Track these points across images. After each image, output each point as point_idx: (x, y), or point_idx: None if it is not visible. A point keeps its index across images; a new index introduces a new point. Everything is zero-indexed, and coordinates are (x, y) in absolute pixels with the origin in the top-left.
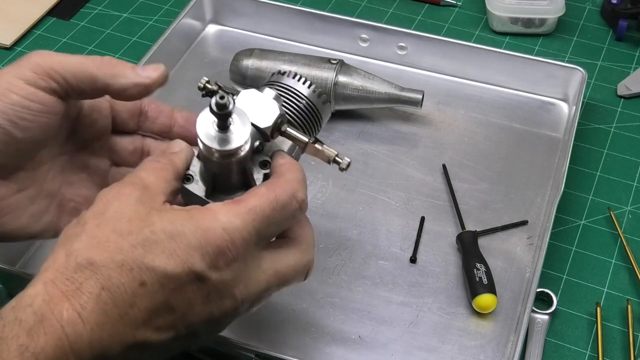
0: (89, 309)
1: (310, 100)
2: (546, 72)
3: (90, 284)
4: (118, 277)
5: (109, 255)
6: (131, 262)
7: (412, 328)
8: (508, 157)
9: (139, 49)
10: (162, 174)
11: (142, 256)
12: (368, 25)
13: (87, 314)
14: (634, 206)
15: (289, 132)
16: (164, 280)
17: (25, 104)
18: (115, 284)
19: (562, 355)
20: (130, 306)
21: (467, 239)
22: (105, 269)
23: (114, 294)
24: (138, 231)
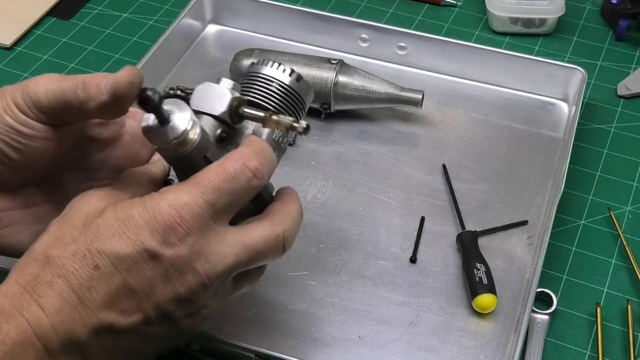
0: (47, 296)
1: (281, 81)
2: (546, 72)
3: (45, 274)
4: (71, 264)
5: (63, 247)
6: (83, 248)
7: (412, 328)
8: (508, 157)
9: (139, 49)
10: (134, 180)
11: (93, 241)
12: (368, 25)
13: (45, 301)
14: (634, 206)
15: (246, 113)
16: (116, 261)
17: (17, 128)
18: (70, 270)
19: (562, 355)
20: (88, 290)
21: (467, 239)
22: (59, 259)
23: (69, 279)
24: (91, 222)
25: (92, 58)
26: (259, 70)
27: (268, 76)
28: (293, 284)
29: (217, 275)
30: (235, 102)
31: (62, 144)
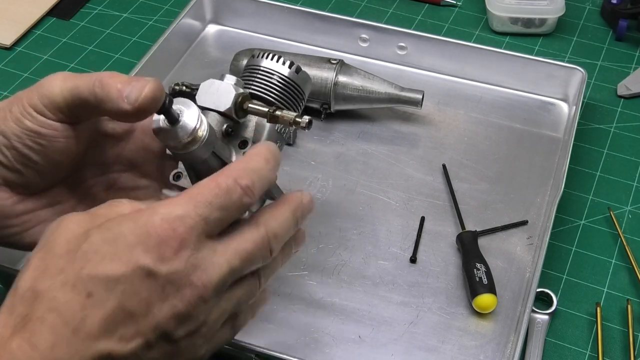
0: (38, 333)
1: (281, 73)
2: (546, 72)
3: (35, 310)
4: (62, 296)
5: (50, 278)
6: (72, 277)
7: (412, 328)
8: (508, 157)
9: (139, 49)
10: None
11: (82, 268)
12: (368, 25)
13: (37, 339)
14: (634, 206)
15: (251, 108)
16: (110, 284)
17: (37, 130)
18: (61, 303)
19: (562, 355)
20: (82, 320)
21: (467, 239)
22: (49, 292)
23: (61, 312)
24: (76, 248)
25: (92, 58)
26: (259, 63)
27: (268, 69)
28: (293, 284)
29: (214, 286)
30: (239, 98)
31: (80, 142)
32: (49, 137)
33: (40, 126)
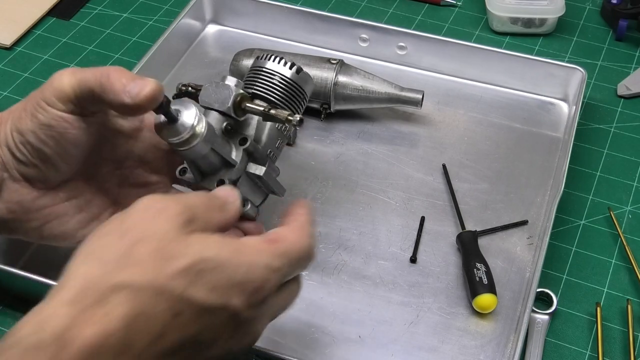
0: (117, 336)
1: (282, 74)
2: (546, 72)
3: (123, 308)
4: (155, 304)
5: (147, 279)
6: (171, 290)
7: (412, 328)
8: (508, 157)
9: (139, 49)
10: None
11: (183, 286)
12: (368, 25)
13: (114, 341)
14: (634, 206)
15: (248, 107)
16: (201, 312)
17: (50, 124)
18: (151, 311)
19: (562, 355)
20: (160, 336)
21: (467, 239)
22: (142, 294)
23: (147, 321)
24: (180, 256)
25: (92, 58)
26: (261, 64)
27: (270, 70)
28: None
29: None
30: (238, 98)
31: (91, 135)
32: (60, 129)
33: (52, 119)
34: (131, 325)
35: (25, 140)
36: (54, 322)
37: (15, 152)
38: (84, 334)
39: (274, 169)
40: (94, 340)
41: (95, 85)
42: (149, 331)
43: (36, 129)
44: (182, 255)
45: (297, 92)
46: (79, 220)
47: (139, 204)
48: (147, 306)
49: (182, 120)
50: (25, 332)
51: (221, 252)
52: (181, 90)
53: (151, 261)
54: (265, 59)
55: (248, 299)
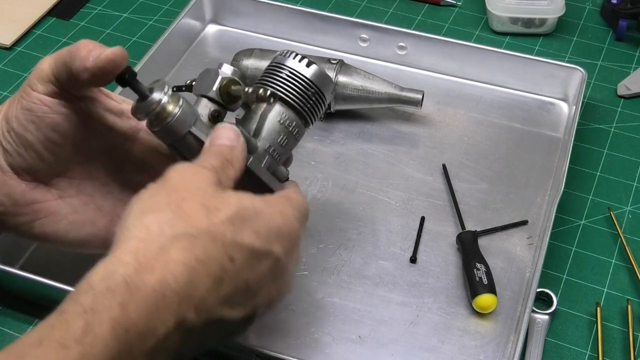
0: (181, 281)
1: (293, 68)
2: (546, 72)
3: (184, 254)
4: (212, 250)
5: (203, 227)
6: (223, 236)
7: (412, 328)
8: (508, 157)
9: (139, 49)
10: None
11: (233, 232)
12: (368, 25)
13: (178, 286)
14: (634, 206)
15: (233, 91)
16: (249, 256)
17: (30, 107)
18: (209, 257)
19: (562, 355)
20: (220, 281)
21: (467, 239)
22: (201, 241)
23: (207, 266)
24: (225, 208)
25: None
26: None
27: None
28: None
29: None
30: (224, 82)
31: (73, 123)
32: (39, 112)
33: (32, 102)
34: (192, 270)
35: (10, 127)
36: (121, 269)
37: (2, 141)
38: (150, 280)
39: (274, 166)
40: (159, 285)
41: (66, 56)
42: (210, 275)
43: (19, 114)
44: (224, 206)
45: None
46: (72, 221)
47: (172, 172)
48: (205, 252)
49: (151, 97)
50: (96, 278)
51: (255, 202)
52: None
53: (201, 213)
54: (285, 56)
55: (285, 244)
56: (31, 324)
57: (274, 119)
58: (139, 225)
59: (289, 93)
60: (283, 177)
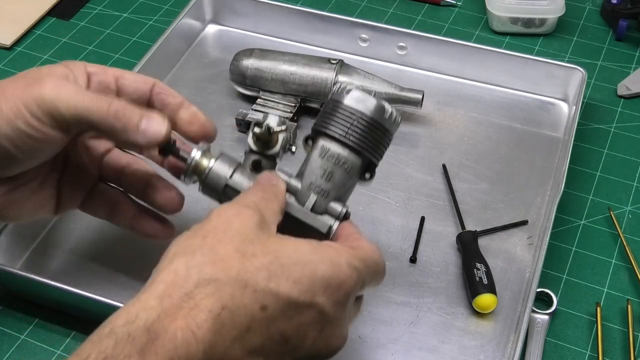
0: (205, 329)
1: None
2: (546, 72)
3: (210, 301)
4: (240, 298)
5: (233, 274)
6: (255, 284)
7: (412, 328)
8: (508, 157)
9: (139, 49)
10: (271, 205)
11: (267, 279)
12: (368, 25)
13: (202, 334)
14: (634, 206)
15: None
16: (286, 307)
17: (29, 133)
18: (237, 304)
19: (562, 355)
20: (247, 330)
21: (467, 239)
22: (229, 287)
23: (233, 314)
24: (262, 255)
25: (92, 58)
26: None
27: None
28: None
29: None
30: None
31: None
32: (39, 140)
33: (34, 129)
34: (218, 318)
35: None
36: (144, 314)
37: None
38: (173, 326)
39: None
40: (181, 332)
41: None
42: (236, 323)
43: (13, 135)
44: (263, 251)
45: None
46: (34, 201)
47: (213, 213)
48: (233, 299)
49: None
50: (119, 322)
51: (301, 248)
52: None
53: (234, 258)
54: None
55: (332, 296)
56: (31, 324)
57: (315, 155)
58: (168, 269)
59: (325, 124)
60: (337, 214)
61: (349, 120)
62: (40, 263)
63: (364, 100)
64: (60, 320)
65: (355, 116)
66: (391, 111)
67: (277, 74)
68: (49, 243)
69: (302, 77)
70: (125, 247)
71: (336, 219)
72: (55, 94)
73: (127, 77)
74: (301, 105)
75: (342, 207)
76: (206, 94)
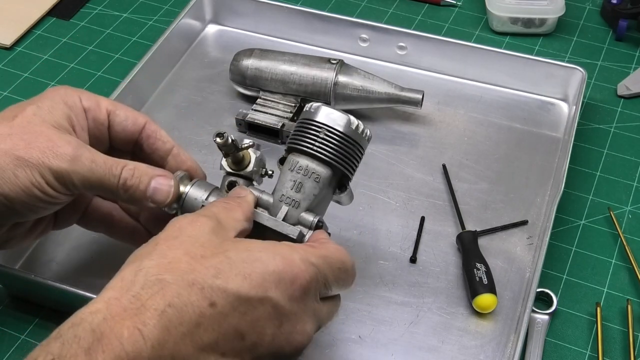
0: (152, 325)
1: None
2: (546, 72)
3: (156, 299)
4: (187, 295)
5: (180, 273)
6: (202, 281)
7: (412, 328)
8: (508, 157)
9: (139, 49)
10: (232, 214)
11: (215, 276)
12: (368, 25)
13: (149, 331)
14: (634, 206)
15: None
16: (236, 302)
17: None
18: (183, 302)
19: (562, 355)
20: (197, 326)
21: (467, 239)
22: (175, 286)
23: (180, 311)
24: (212, 256)
25: (92, 58)
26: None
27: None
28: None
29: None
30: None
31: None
32: (50, 203)
33: (49, 197)
34: (165, 316)
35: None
36: (90, 317)
37: None
38: (118, 327)
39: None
40: (128, 332)
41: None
42: (184, 320)
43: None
44: (212, 253)
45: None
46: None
47: (169, 223)
48: (179, 296)
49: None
50: (65, 326)
51: (252, 246)
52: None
53: (182, 260)
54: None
55: (287, 290)
56: (31, 324)
57: (285, 168)
58: (117, 276)
59: (294, 140)
60: (309, 224)
61: (315, 133)
62: (40, 263)
63: (330, 114)
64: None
65: (321, 129)
66: (357, 123)
67: (277, 74)
68: (49, 243)
69: (302, 77)
70: (125, 247)
71: (309, 228)
72: (72, 168)
73: (119, 114)
74: (301, 105)
75: (314, 217)
76: (206, 94)
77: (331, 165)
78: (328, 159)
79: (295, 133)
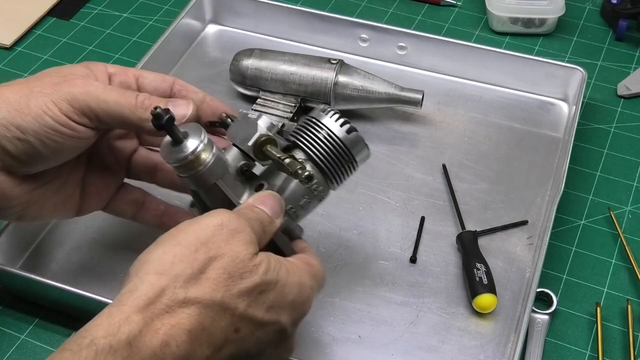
0: (183, 347)
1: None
2: (546, 72)
3: (189, 322)
4: (219, 321)
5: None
6: (234, 308)
7: (412, 328)
8: (508, 157)
9: (139, 49)
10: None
11: (246, 305)
12: (368, 25)
13: (179, 351)
14: (634, 206)
15: (268, 152)
16: (255, 328)
17: (58, 129)
18: (215, 327)
19: (562, 355)
20: (219, 349)
21: (467, 239)
22: (209, 310)
23: (211, 336)
24: (248, 278)
25: (92, 58)
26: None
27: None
28: None
29: None
30: (262, 139)
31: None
32: (66, 136)
33: (63, 125)
34: (195, 337)
35: (24, 138)
36: (126, 328)
37: (7, 144)
38: (152, 343)
39: (290, 225)
40: (161, 349)
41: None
42: (210, 343)
43: (40, 131)
44: (249, 277)
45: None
46: (55, 202)
47: (213, 220)
48: (212, 321)
49: (185, 143)
50: (99, 334)
51: (280, 273)
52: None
53: (222, 280)
54: (323, 113)
55: (294, 316)
56: (31, 324)
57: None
58: (152, 280)
59: (320, 155)
60: (295, 235)
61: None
62: (40, 263)
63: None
64: (60, 320)
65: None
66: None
67: (277, 74)
68: (49, 243)
69: (302, 77)
70: (126, 247)
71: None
72: (85, 91)
73: (146, 76)
74: (301, 105)
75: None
76: None
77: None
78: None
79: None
